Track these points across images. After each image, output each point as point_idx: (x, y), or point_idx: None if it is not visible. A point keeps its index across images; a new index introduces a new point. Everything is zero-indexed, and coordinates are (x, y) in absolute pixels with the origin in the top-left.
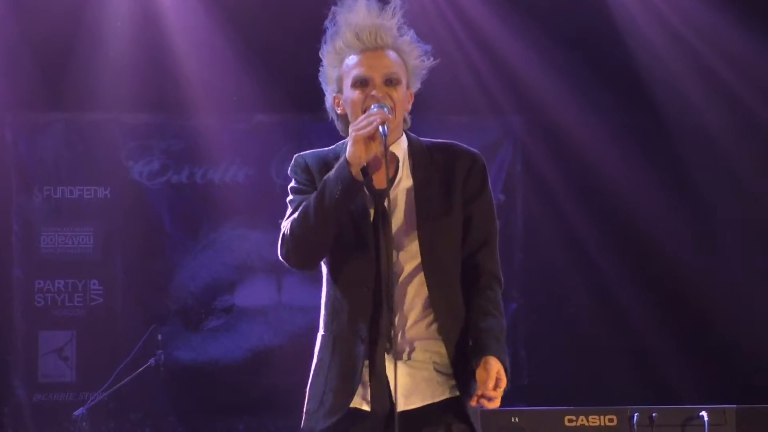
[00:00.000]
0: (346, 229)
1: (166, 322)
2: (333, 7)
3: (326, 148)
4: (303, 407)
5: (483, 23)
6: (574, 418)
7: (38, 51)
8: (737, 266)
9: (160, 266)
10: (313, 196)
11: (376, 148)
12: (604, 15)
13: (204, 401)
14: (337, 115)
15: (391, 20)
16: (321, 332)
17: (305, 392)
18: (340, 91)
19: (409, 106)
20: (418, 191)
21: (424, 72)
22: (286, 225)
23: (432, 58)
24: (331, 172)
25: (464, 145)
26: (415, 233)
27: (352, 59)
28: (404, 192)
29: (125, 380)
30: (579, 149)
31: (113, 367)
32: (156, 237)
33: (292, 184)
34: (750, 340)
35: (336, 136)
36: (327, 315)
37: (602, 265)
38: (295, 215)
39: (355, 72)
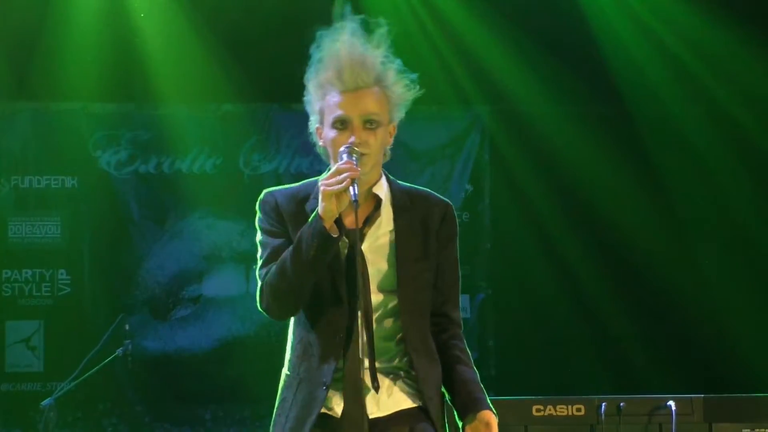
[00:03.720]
0: (320, 274)
1: (133, 312)
2: (319, 32)
3: (296, 185)
4: (269, 397)
5: (451, 14)
6: (542, 407)
7: (5, 40)
8: (704, 256)
9: (127, 256)
10: (288, 250)
11: (348, 200)
12: (571, 5)
13: (171, 390)
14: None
15: (376, 51)
16: (286, 371)
17: (270, 386)
18: (321, 123)
19: (391, 140)
20: (398, 234)
21: (408, 101)
22: (263, 275)
23: (418, 87)
24: (305, 227)
25: (437, 194)
26: (395, 275)
27: (333, 97)
28: (386, 234)
29: (93, 370)
30: (546, 139)
31: (81, 356)
32: (124, 227)
33: (262, 223)
34: (717, 330)
35: (304, 126)
36: (295, 357)
37: (570, 255)
38: (273, 269)
39: (335, 113)
